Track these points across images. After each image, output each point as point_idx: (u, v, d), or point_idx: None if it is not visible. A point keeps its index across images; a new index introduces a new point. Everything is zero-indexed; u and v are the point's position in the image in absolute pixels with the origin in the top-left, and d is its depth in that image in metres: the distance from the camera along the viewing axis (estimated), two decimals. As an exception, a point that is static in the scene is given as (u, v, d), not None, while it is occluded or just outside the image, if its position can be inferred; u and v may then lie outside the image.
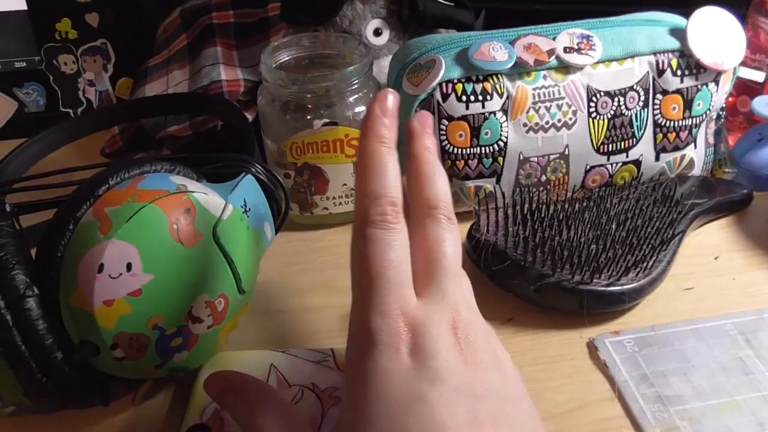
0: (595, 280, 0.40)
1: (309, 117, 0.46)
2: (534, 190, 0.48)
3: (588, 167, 0.48)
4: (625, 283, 0.40)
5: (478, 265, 0.42)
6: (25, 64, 0.61)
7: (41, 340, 0.31)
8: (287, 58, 0.49)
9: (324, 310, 0.44)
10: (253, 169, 0.41)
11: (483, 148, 0.46)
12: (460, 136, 0.46)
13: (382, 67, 0.53)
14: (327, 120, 0.45)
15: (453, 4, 0.53)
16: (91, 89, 0.63)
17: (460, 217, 0.51)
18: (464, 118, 0.46)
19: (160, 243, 0.33)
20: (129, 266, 0.32)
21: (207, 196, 0.35)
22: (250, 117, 0.57)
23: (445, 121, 0.46)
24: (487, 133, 0.46)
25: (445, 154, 0.46)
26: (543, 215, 0.44)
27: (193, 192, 0.35)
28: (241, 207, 0.38)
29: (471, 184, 0.48)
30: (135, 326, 0.32)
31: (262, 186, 0.41)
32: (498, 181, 0.48)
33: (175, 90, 0.59)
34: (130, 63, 0.63)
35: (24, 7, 0.59)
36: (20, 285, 0.31)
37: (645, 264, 0.41)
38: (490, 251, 0.42)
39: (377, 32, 0.54)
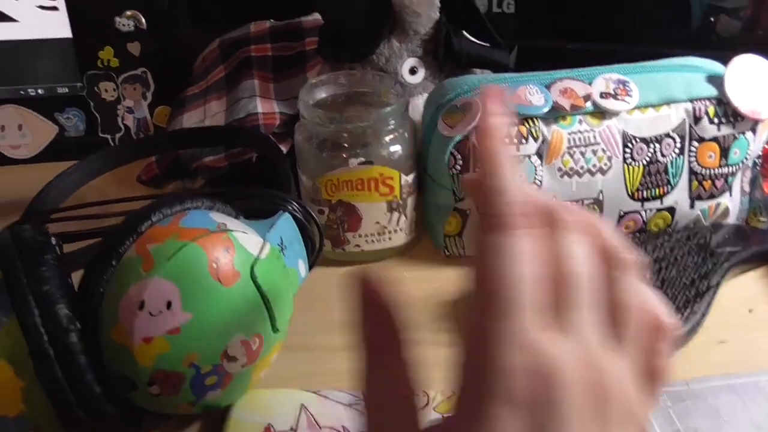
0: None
1: (345, 155, 0.46)
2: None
3: (622, 213, 0.48)
4: (659, 335, 0.40)
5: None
6: (67, 90, 0.63)
7: (81, 374, 0.31)
8: (324, 96, 0.50)
9: (349, 351, 0.44)
10: (290, 207, 0.41)
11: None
12: (494, 178, 0.46)
13: (417, 106, 0.53)
14: (363, 159, 0.46)
15: (488, 44, 0.54)
16: (129, 116, 0.64)
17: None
18: (499, 160, 0.46)
19: (199, 282, 0.33)
20: (169, 304, 0.32)
21: (246, 235, 0.36)
22: (284, 149, 0.58)
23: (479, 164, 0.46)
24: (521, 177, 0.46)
25: (478, 196, 0.47)
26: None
27: (232, 231, 0.35)
28: (278, 245, 0.38)
29: (503, 225, 0.47)
30: (172, 364, 0.33)
31: (297, 223, 0.42)
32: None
33: (212, 120, 0.60)
34: (168, 92, 0.64)
35: (69, 34, 0.61)
36: (63, 319, 0.31)
37: (680, 316, 0.41)
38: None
39: (413, 71, 0.54)
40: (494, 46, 0.54)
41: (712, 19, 0.65)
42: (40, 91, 0.62)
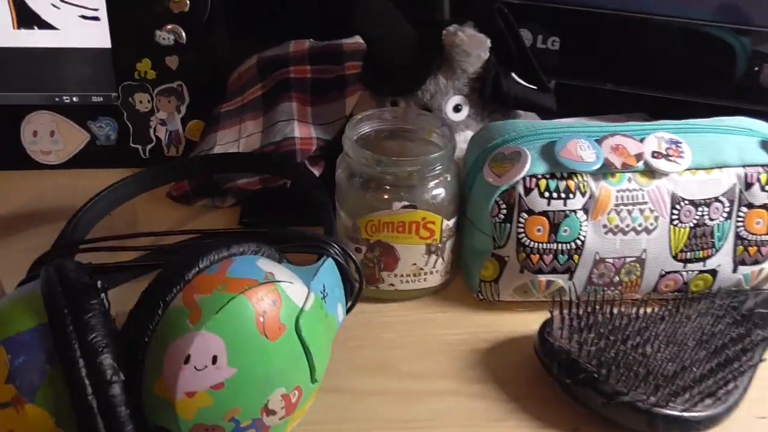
0: (670, 404, 0.39)
1: (388, 197, 0.45)
2: (605, 290, 0.47)
3: (663, 272, 0.47)
4: (702, 410, 0.39)
5: (549, 371, 0.42)
6: (101, 99, 0.62)
7: (122, 426, 0.31)
8: (368, 130, 0.49)
9: (384, 396, 0.43)
10: (333, 251, 0.40)
11: (560, 245, 0.46)
12: (539, 230, 0.45)
13: (458, 142, 0.52)
14: (406, 203, 0.45)
15: (536, 87, 0.53)
16: (162, 128, 0.63)
17: (527, 306, 0.51)
18: (544, 213, 0.45)
19: (246, 336, 0.32)
20: (215, 359, 0.32)
21: (292, 285, 0.35)
22: (317, 172, 0.57)
23: (524, 215, 0.45)
24: (565, 231, 0.45)
25: (520, 247, 0.46)
26: (618, 323, 0.43)
27: (280, 282, 0.34)
28: (321, 292, 0.38)
29: (543, 278, 0.47)
30: (213, 418, 0.32)
31: (338, 267, 0.41)
32: (570, 278, 0.47)
33: (246, 141, 0.59)
34: (202, 106, 0.63)
35: (108, 45, 0.60)
36: (107, 370, 0.31)
37: (722, 390, 0.40)
38: (564, 361, 0.41)
39: (457, 108, 0.53)
40: (541, 89, 0.53)
41: (756, 68, 0.64)
42: (74, 98, 0.61)
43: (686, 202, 0.46)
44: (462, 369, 0.45)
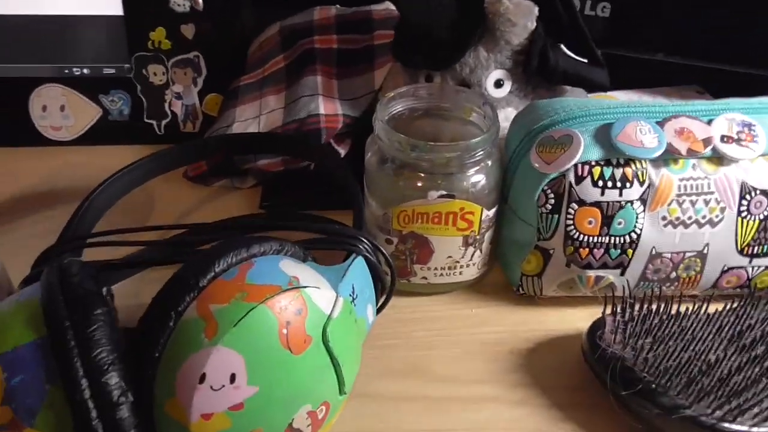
0: (738, 420, 0.35)
1: (423, 185, 0.41)
2: (660, 286, 0.43)
3: (725, 268, 0.43)
4: (774, 429, 0.35)
5: (600, 379, 0.38)
6: (114, 71, 0.58)
7: (131, 453, 0.28)
8: (401, 109, 0.44)
9: (419, 402, 0.40)
10: (363, 248, 0.37)
11: (613, 238, 0.41)
12: (590, 222, 0.41)
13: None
14: (443, 192, 0.41)
15: (587, 61, 0.48)
16: (177, 102, 0.59)
17: (572, 301, 0.47)
18: (597, 204, 0.41)
19: (268, 351, 0.29)
20: (233, 377, 0.28)
21: (319, 291, 0.31)
22: (342, 151, 0.53)
23: (575, 205, 0.41)
24: (620, 223, 0.41)
25: (568, 240, 0.42)
26: (678, 327, 0.39)
27: (305, 287, 0.31)
28: (350, 295, 0.34)
29: (592, 273, 0.43)
30: (232, 441, 0.29)
31: (368, 264, 0.37)
32: (623, 273, 0.43)
33: (268, 117, 0.55)
34: (221, 79, 0.59)
35: (120, 12, 0.56)
36: (114, 390, 0.27)
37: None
38: (617, 369, 0.37)
39: (498, 83, 0.48)
40: (593, 63, 0.48)
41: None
42: (85, 71, 0.57)
43: (757, 191, 0.41)
44: (501, 372, 0.42)
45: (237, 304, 0.29)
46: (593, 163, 0.40)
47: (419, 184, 0.41)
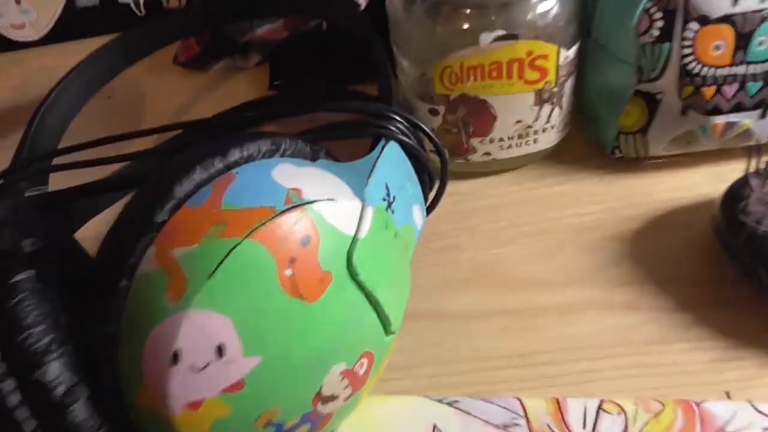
0: None
1: (470, 26, 0.29)
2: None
3: None
4: None
5: (748, 269, 0.27)
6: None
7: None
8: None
9: (492, 320, 0.30)
10: (396, 129, 0.26)
11: (751, 67, 0.29)
12: (717, 48, 0.29)
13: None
14: (501, 32, 0.29)
15: None
16: (154, -30, 0.48)
17: (689, 160, 0.35)
18: (728, 19, 0.28)
19: (266, 304, 0.20)
20: (221, 350, 0.19)
21: (334, 204, 0.21)
22: (362, 1, 0.41)
23: (694, 24, 0.28)
24: (761, 44, 0.28)
25: (685, 76, 0.29)
26: None
27: (311, 203, 0.21)
28: (384, 200, 0.24)
29: (721, 120, 0.31)
30: (238, 429, 0.21)
31: (407, 150, 0.26)
32: (763, 116, 0.30)
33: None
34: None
35: None
36: (57, 387, 0.19)
37: None
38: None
39: None
40: None
41: None
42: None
43: None
44: (601, 267, 0.31)
45: (211, 242, 0.19)
46: (724, -44, 0.27)
47: (465, 26, 0.29)
